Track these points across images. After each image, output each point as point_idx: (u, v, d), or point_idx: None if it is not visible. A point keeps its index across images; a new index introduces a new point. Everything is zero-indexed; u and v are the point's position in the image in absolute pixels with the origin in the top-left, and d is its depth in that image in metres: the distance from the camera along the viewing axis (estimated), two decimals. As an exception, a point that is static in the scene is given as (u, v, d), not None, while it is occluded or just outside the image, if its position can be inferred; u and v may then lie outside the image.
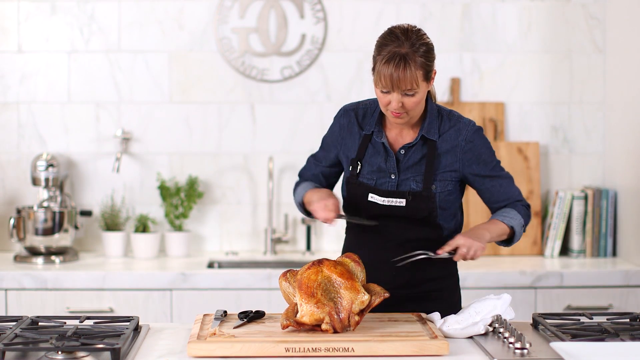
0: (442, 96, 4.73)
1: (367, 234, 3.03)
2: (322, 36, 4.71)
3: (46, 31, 4.68)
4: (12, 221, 4.42)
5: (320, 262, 2.68)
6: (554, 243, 4.59)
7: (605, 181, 4.74)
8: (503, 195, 3.02)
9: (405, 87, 2.81)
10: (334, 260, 2.71)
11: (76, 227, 4.53)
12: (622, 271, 4.24)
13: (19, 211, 4.45)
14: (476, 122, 4.67)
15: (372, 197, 2.98)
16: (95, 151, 4.71)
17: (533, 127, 4.76)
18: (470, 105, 4.72)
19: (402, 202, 2.95)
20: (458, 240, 2.86)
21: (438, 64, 4.74)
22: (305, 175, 3.19)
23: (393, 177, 2.97)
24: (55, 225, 4.44)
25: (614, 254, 4.58)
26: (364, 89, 4.68)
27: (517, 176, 4.63)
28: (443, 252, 2.87)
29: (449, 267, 3.10)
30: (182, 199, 4.62)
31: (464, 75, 4.75)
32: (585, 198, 4.58)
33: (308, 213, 3.10)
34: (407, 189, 2.96)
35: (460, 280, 4.13)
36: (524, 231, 3.05)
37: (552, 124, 4.77)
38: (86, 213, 4.61)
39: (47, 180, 4.50)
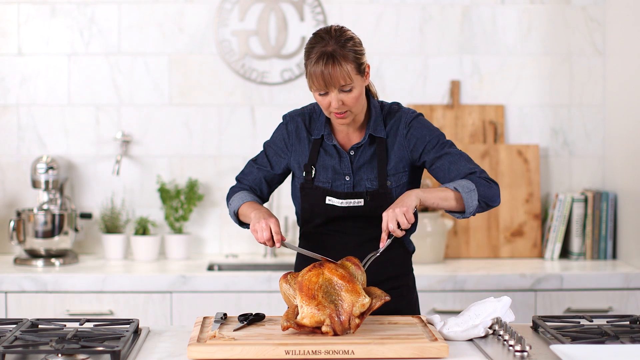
0: (442, 99, 4.73)
1: (326, 237, 3.03)
2: (322, 39, 4.71)
3: (46, 34, 4.68)
4: (12, 224, 4.42)
5: (321, 264, 2.68)
6: (554, 245, 4.59)
7: (605, 184, 4.74)
8: (454, 172, 2.93)
9: (339, 84, 2.81)
10: (335, 263, 2.71)
11: (76, 230, 4.53)
12: (622, 274, 4.24)
13: (19, 214, 4.46)
14: (476, 125, 4.70)
15: (330, 200, 2.98)
16: (95, 154, 4.71)
17: (533, 129, 4.77)
18: (470, 108, 4.72)
19: (360, 202, 2.96)
20: (383, 219, 2.78)
21: (438, 67, 4.76)
22: (244, 180, 3.13)
23: (348, 179, 2.97)
24: (55, 227, 4.44)
25: (614, 256, 4.58)
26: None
27: (517, 179, 4.63)
28: (385, 242, 2.80)
29: (405, 265, 3.10)
30: (182, 201, 4.62)
31: (464, 78, 4.75)
32: (585, 201, 4.58)
33: (242, 223, 3.07)
34: (364, 189, 2.96)
35: (460, 283, 4.15)
36: (490, 202, 2.90)
37: (552, 126, 4.77)
38: (86, 216, 4.61)
39: (47, 182, 4.50)
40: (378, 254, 2.82)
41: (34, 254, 4.44)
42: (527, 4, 4.74)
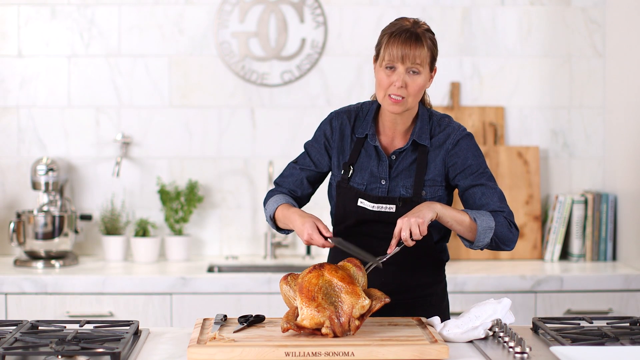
0: (442, 100, 4.73)
1: (356, 239, 2.98)
2: (322, 40, 4.72)
3: (46, 35, 4.68)
4: (12, 225, 4.42)
5: (321, 266, 2.68)
6: (554, 247, 4.59)
7: (605, 185, 4.74)
8: (483, 206, 2.89)
9: (414, 62, 2.80)
10: (335, 265, 2.70)
11: (76, 231, 4.53)
12: (622, 275, 4.25)
13: (19, 215, 4.46)
14: (476, 127, 4.70)
15: (362, 203, 2.94)
16: (95, 155, 4.71)
17: (533, 131, 4.77)
18: (470, 110, 4.73)
19: (392, 208, 2.91)
20: (397, 225, 2.75)
21: (438, 68, 4.75)
22: (283, 184, 3.09)
23: (384, 183, 2.94)
24: (55, 229, 4.44)
25: (614, 258, 4.58)
26: (364, 93, 4.68)
27: (517, 181, 4.63)
28: (393, 249, 2.78)
29: (437, 273, 3.06)
30: (182, 203, 4.62)
31: (464, 80, 4.75)
32: (585, 202, 4.58)
33: (278, 228, 3.03)
34: (397, 195, 2.92)
35: (460, 285, 4.15)
36: (502, 244, 2.88)
37: (552, 128, 4.77)
38: (86, 217, 4.61)
39: (47, 184, 4.50)
40: (384, 260, 2.80)
41: (34, 256, 4.44)
42: (527, 5, 4.74)
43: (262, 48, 4.72)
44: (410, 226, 2.72)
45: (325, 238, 2.82)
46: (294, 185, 3.08)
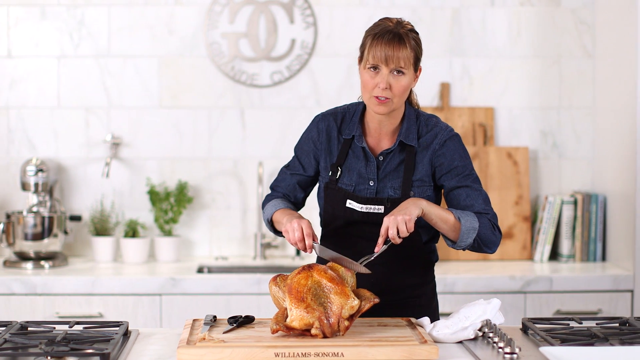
0: (431, 101, 4.74)
1: (345, 240, 2.99)
2: (312, 41, 4.72)
3: (36, 36, 4.67)
4: (1, 226, 4.41)
5: (310, 267, 2.68)
6: (544, 248, 4.60)
7: (594, 186, 4.75)
8: (468, 207, 2.89)
9: (397, 64, 2.79)
10: (324, 265, 2.70)
11: (66, 232, 4.52)
12: (611, 276, 4.25)
13: (8, 216, 4.45)
14: (466, 127, 4.70)
15: (350, 204, 2.94)
16: (85, 156, 4.70)
17: (522, 132, 4.77)
18: (459, 110, 4.73)
19: (380, 209, 2.91)
20: (384, 224, 2.74)
21: (428, 69, 4.76)
22: (278, 188, 3.10)
23: (372, 184, 2.93)
24: (44, 230, 4.43)
25: (603, 258, 4.59)
26: (354, 94, 4.67)
27: (507, 181, 4.64)
28: (381, 247, 2.76)
29: (427, 274, 3.06)
30: (171, 204, 4.61)
31: (454, 80, 4.76)
32: (575, 203, 4.59)
33: (276, 231, 3.03)
34: (386, 196, 2.92)
35: (449, 285, 4.16)
36: (484, 247, 2.88)
37: (541, 128, 4.78)
38: (76, 218, 4.60)
39: (36, 185, 4.49)
40: (372, 259, 2.80)
41: (23, 257, 4.43)
42: (516, 6, 4.75)
43: (252, 49, 4.72)
44: (397, 224, 2.72)
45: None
46: (287, 190, 3.09)
